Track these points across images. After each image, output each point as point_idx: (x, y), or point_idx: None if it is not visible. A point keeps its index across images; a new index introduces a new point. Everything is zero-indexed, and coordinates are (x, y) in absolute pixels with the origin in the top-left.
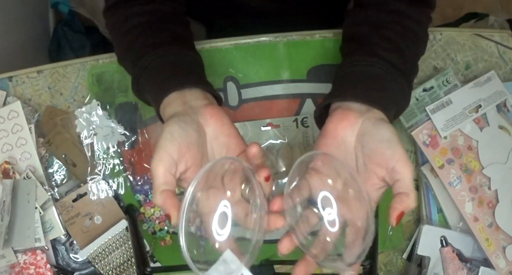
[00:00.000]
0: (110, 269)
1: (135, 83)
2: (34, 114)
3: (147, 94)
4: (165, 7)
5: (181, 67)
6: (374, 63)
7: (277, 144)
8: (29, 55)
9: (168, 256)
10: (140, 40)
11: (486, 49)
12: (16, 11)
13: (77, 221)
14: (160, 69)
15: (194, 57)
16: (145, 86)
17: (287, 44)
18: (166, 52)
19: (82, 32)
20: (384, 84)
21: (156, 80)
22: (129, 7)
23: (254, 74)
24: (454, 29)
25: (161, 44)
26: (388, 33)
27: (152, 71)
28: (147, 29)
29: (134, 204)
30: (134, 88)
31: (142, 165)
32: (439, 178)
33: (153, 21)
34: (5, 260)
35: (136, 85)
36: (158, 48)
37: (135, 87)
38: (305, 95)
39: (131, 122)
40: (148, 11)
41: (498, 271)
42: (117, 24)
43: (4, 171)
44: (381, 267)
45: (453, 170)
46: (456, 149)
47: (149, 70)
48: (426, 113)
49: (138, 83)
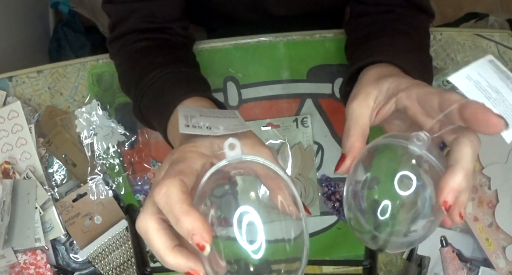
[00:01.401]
0: (110, 269)
1: (137, 103)
2: (34, 114)
3: (151, 116)
4: (175, 38)
5: (190, 79)
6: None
7: (277, 144)
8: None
9: None
10: (144, 61)
11: (486, 49)
12: (16, 11)
13: (77, 221)
14: (166, 82)
15: (202, 77)
16: (149, 104)
17: (287, 44)
18: (173, 69)
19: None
20: (404, 48)
21: (163, 92)
22: (137, 35)
23: (254, 74)
24: (454, 29)
25: (166, 63)
26: (400, 26)
27: (156, 87)
28: (154, 50)
29: (134, 204)
30: (136, 111)
31: (142, 165)
32: None
33: (159, 45)
34: (5, 260)
35: (138, 106)
36: (163, 66)
37: (137, 109)
38: (305, 95)
39: (131, 122)
40: (157, 38)
41: (498, 271)
42: (122, 49)
43: (4, 171)
44: (381, 267)
45: None
46: None
47: (153, 87)
48: None
49: (141, 103)
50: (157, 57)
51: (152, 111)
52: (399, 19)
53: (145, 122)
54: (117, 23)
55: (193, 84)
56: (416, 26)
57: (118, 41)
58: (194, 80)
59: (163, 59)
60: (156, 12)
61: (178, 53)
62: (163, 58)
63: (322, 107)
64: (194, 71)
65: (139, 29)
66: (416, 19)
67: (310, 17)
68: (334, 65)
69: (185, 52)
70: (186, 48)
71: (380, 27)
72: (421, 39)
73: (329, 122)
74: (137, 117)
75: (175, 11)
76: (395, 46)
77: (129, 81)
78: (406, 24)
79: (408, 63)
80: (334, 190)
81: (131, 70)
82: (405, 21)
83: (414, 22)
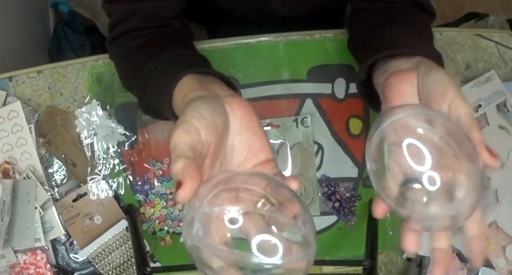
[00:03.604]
0: (110, 269)
1: (142, 95)
2: (34, 114)
3: (157, 104)
4: (174, 30)
5: (196, 58)
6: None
7: (277, 144)
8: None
9: (168, 256)
10: (144, 52)
11: (486, 49)
12: (16, 11)
13: (77, 221)
14: (172, 61)
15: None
16: (152, 92)
17: (287, 44)
18: (175, 52)
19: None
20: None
21: (167, 71)
22: (135, 32)
23: (254, 74)
24: (454, 29)
25: (163, 49)
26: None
27: (160, 67)
28: (150, 42)
29: (134, 204)
30: (142, 104)
31: (142, 165)
32: None
33: (157, 36)
34: (5, 260)
35: (144, 98)
36: (166, 51)
37: (143, 101)
38: (305, 95)
39: (131, 122)
40: (154, 32)
41: (498, 271)
42: (121, 48)
43: (4, 171)
44: (381, 267)
45: None
46: None
47: (157, 69)
48: None
49: (145, 94)
50: (154, 46)
51: (156, 99)
52: (401, 14)
53: (154, 113)
54: (117, 23)
55: (187, 63)
56: (418, 22)
57: (117, 40)
58: (189, 57)
59: (159, 47)
60: (158, 12)
61: (175, 38)
62: (159, 46)
63: (322, 107)
64: (192, 51)
65: (139, 28)
66: (418, 16)
67: (311, 17)
68: (334, 65)
69: (182, 37)
70: (184, 36)
71: (387, 18)
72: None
73: (329, 122)
74: (145, 111)
75: (176, 9)
76: (406, 37)
77: (130, 77)
78: (409, 19)
79: (427, 53)
80: (334, 190)
81: (130, 66)
82: (408, 17)
83: (416, 19)
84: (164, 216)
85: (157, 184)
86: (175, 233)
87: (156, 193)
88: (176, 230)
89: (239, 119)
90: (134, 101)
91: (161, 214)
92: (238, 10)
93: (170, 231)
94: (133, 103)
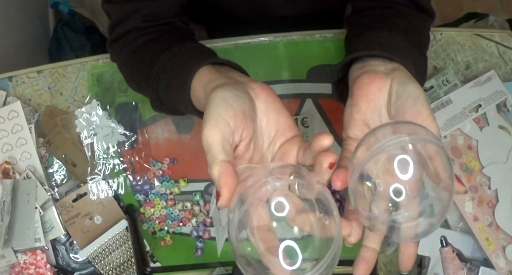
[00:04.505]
0: (110, 269)
1: (154, 92)
2: (34, 114)
3: (172, 97)
4: (175, 26)
5: (208, 50)
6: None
7: None
8: (29, 55)
9: (168, 256)
10: (151, 49)
11: (486, 49)
12: (16, 11)
13: (77, 221)
14: (186, 54)
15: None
16: (167, 86)
17: (287, 44)
18: (186, 46)
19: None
20: (405, 46)
21: (183, 63)
22: (137, 32)
23: (254, 74)
24: (454, 29)
25: (171, 45)
26: (398, 22)
27: (174, 60)
28: (156, 40)
29: (134, 204)
30: (154, 98)
31: (142, 165)
32: None
33: (161, 34)
34: (5, 260)
35: (156, 94)
36: (176, 46)
37: (155, 96)
38: (305, 95)
39: (131, 122)
40: (157, 30)
41: (498, 271)
42: (124, 49)
43: (4, 171)
44: (381, 267)
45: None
46: (456, 149)
47: (171, 63)
48: None
49: (157, 90)
50: (161, 43)
51: (171, 92)
52: (398, 15)
53: (167, 109)
54: (117, 23)
55: (202, 54)
56: (415, 24)
57: (119, 41)
58: (202, 49)
59: (167, 43)
60: (158, 11)
61: (180, 34)
62: (167, 42)
63: (322, 107)
64: (201, 45)
65: (140, 27)
66: (416, 18)
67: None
68: (334, 65)
69: (187, 34)
70: (188, 33)
71: (380, 19)
72: (418, 38)
73: (329, 122)
74: (156, 107)
75: (176, 8)
76: (391, 41)
77: (137, 75)
78: (405, 21)
79: (406, 61)
80: (334, 190)
81: (138, 65)
82: (405, 18)
83: (413, 20)
84: (164, 216)
85: (157, 184)
86: (175, 233)
87: (156, 193)
88: (176, 230)
89: (264, 101)
90: (134, 101)
91: (161, 214)
92: (238, 10)
93: (170, 231)
94: (133, 103)
